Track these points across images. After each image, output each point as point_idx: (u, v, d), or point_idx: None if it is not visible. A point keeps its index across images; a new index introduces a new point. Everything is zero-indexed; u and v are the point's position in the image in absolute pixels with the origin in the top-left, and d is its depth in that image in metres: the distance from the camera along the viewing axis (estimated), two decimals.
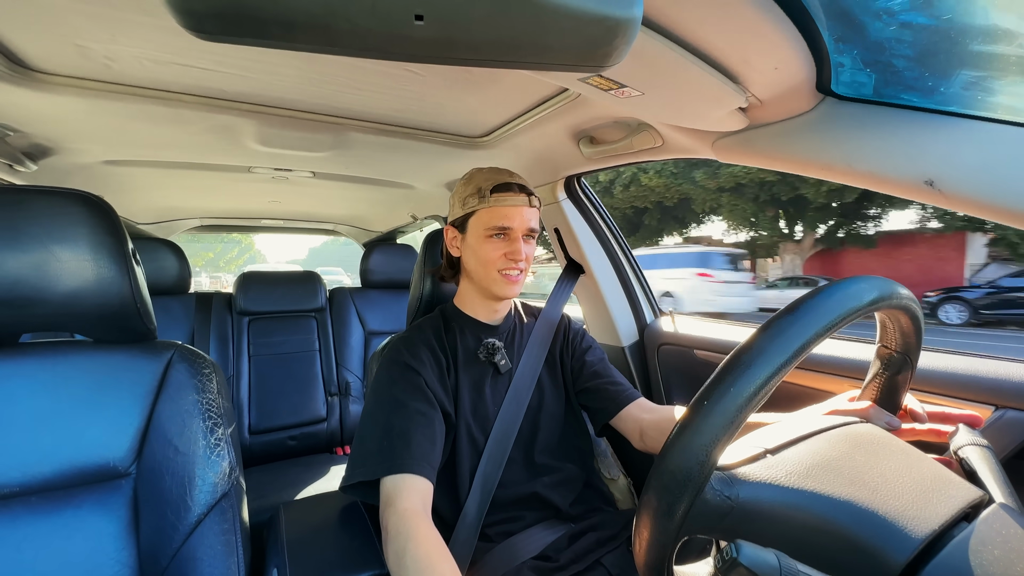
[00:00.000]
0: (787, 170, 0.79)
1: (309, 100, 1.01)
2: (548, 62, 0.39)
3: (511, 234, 0.86)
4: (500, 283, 0.87)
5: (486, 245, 0.86)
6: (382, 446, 0.76)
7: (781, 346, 0.35)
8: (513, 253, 0.85)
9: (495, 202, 0.85)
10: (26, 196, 0.65)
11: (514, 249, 0.85)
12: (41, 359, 0.70)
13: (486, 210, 0.85)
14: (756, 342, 0.35)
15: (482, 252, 0.86)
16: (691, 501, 0.36)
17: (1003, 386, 0.70)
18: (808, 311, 0.36)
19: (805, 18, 0.55)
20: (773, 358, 0.34)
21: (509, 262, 0.86)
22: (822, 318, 0.36)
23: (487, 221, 0.85)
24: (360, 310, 2.09)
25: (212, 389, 0.75)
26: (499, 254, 0.85)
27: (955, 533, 0.35)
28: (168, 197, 1.91)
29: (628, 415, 0.90)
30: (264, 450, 1.81)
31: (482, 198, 0.85)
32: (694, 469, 0.35)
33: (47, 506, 0.65)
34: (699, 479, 0.35)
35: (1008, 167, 0.56)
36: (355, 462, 0.79)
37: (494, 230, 0.85)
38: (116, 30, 0.73)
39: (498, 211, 0.85)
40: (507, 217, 0.85)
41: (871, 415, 0.56)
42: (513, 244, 0.86)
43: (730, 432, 0.34)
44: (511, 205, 0.85)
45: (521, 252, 0.85)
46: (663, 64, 0.62)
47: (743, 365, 0.34)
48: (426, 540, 0.64)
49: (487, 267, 0.86)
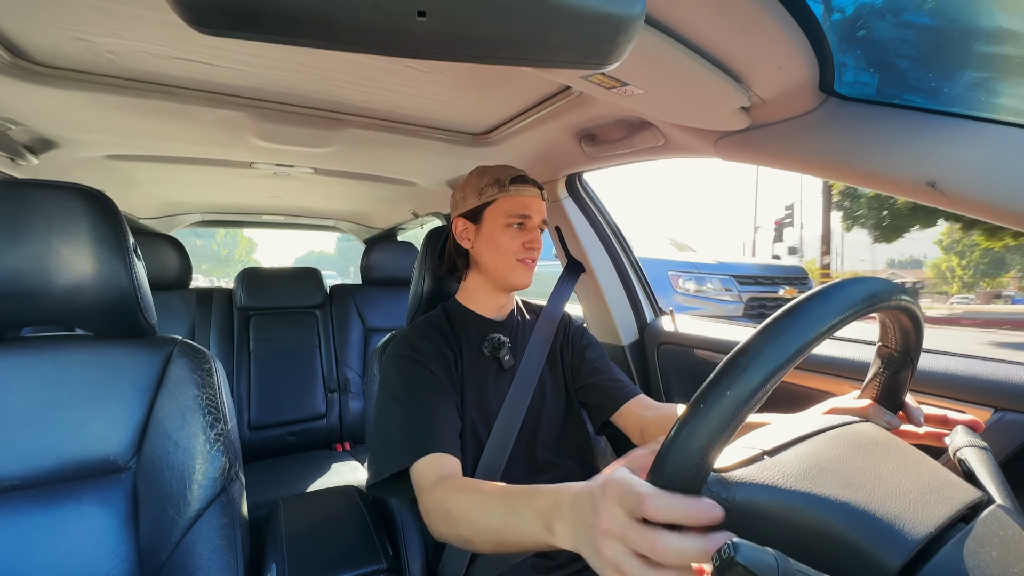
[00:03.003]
0: (789, 170, 0.79)
1: (311, 96, 1.01)
2: (551, 59, 0.39)
3: (528, 223, 0.89)
4: (518, 271, 0.90)
5: (505, 233, 0.88)
6: (404, 436, 0.76)
7: (780, 348, 0.35)
8: (531, 242, 0.89)
9: (516, 191, 0.88)
10: (27, 190, 0.65)
11: (532, 238, 0.89)
12: (42, 353, 0.70)
13: (506, 199, 0.88)
14: (754, 344, 0.35)
15: (502, 241, 0.88)
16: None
17: (1002, 388, 0.70)
18: (807, 312, 0.36)
19: (808, 18, 0.55)
20: (771, 360, 0.34)
21: (527, 251, 0.89)
22: (821, 320, 0.36)
23: (508, 209, 0.88)
24: (360, 307, 2.09)
25: (212, 384, 0.75)
26: (518, 243, 0.88)
27: (953, 534, 0.36)
28: (169, 192, 1.91)
29: (628, 412, 0.91)
30: (264, 446, 1.81)
31: (502, 187, 0.88)
32: (691, 471, 0.35)
33: (47, 499, 0.65)
34: (696, 481, 0.35)
35: (1011, 169, 0.56)
36: (380, 458, 0.78)
37: (515, 218, 0.88)
38: (118, 24, 0.73)
39: (519, 200, 0.88)
40: (527, 207, 0.89)
41: (871, 413, 0.56)
42: (531, 233, 0.89)
43: (727, 434, 0.34)
44: (530, 196, 0.89)
45: (539, 241, 0.90)
46: (666, 63, 0.62)
47: (740, 368, 0.34)
48: (461, 483, 0.65)
49: (506, 256, 0.89)
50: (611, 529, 0.37)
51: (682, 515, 0.34)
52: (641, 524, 0.36)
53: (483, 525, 0.57)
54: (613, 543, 0.37)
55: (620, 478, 0.38)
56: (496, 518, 0.55)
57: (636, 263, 1.44)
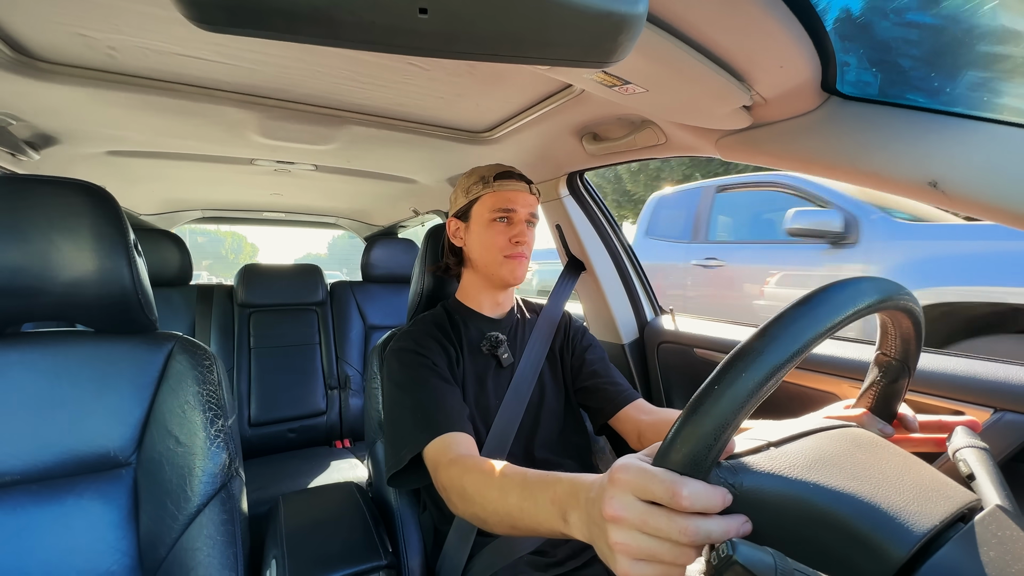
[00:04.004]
0: (791, 169, 0.79)
1: (312, 93, 1.01)
2: (552, 57, 0.39)
3: (514, 217, 0.90)
4: (506, 267, 0.90)
5: (491, 229, 0.89)
6: (417, 420, 0.76)
7: (796, 334, 0.35)
8: (517, 235, 0.89)
9: (499, 187, 0.89)
10: (29, 186, 0.65)
11: (518, 231, 0.89)
12: (43, 348, 0.70)
13: (490, 195, 0.89)
14: (772, 328, 0.36)
15: (487, 237, 0.89)
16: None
17: (1002, 389, 0.70)
18: (825, 300, 0.37)
19: (811, 16, 0.55)
20: (789, 344, 0.35)
21: (513, 245, 0.89)
22: (839, 309, 0.36)
23: (491, 205, 0.89)
24: (361, 304, 2.09)
25: (212, 381, 0.76)
26: (504, 238, 0.89)
27: (952, 534, 0.36)
28: (170, 188, 1.91)
29: (626, 416, 0.91)
30: (264, 442, 1.82)
31: (486, 184, 0.90)
32: (702, 454, 0.35)
33: (48, 494, 0.66)
34: (706, 465, 0.35)
35: (1013, 169, 0.56)
36: (396, 446, 0.78)
37: (498, 212, 0.89)
38: (120, 20, 0.73)
39: (502, 195, 0.89)
40: (511, 200, 0.89)
41: (864, 422, 0.56)
42: (517, 227, 0.89)
43: (741, 418, 0.34)
44: (514, 190, 0.90)
45: (525, 234, 0.89)
46: (668, 61, 0.62)
47: (756, 351, 0.34)
48: (479, 462, 0.65)
49: (492, 251, 0.89)
50: (620, 515, 0.37)
51: (710, 504, 0.35)
52: (662, 510, 0.35)
53: (498, 506, 0.57)
54: (621, 530, 0.37)
55: (632, 464, 0.38)
56: (512, 501, 0.55)
57: (636, 261, 1.44)
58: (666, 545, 0.35)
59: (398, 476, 0.79)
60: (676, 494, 0.34)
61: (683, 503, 0.34)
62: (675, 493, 0.34)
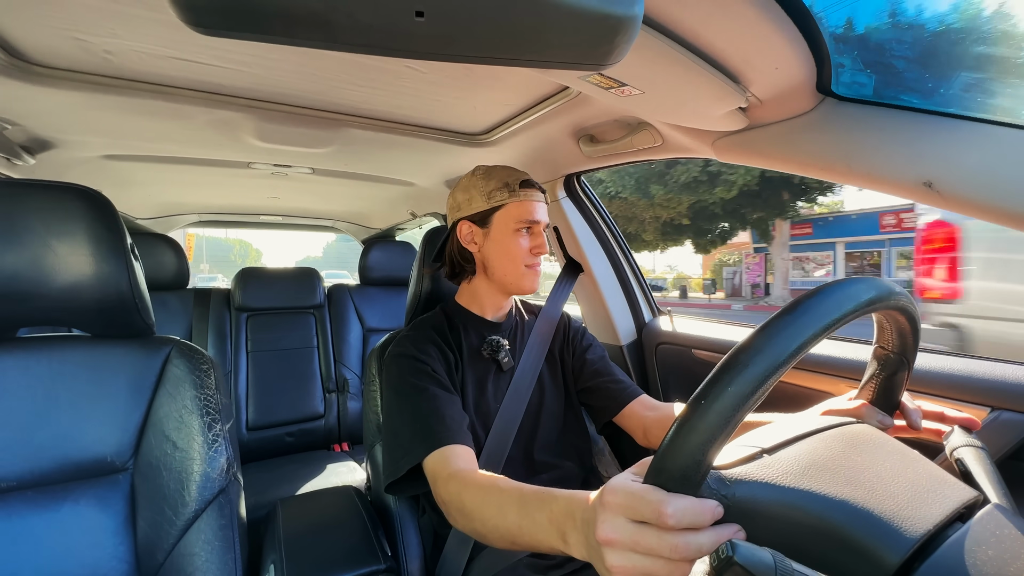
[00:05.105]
0: (787, 170, 0.80)
1: (309, 96, 1.01)
2: (549, 60, 0.39)
3: (535, 228, 0.90)
4: (527, 277, 0.90)
5: (515, 239, 0.88)
6: (416, 430, 0.75)
7: (781, 344, 0.35)
8: (539, 247, 0.89)
9: (525, 196, 0.88)
10: (24, 190, 0.65)
11: (539, 243, 0.89)
12: (39, 353, 0.70)
13: (516, 204, 0.88)
14: (756, 341, 0.35)
15: (512, 246, 0.88)
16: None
17: (999, 387, 0.71)
18: (808, 310, 0.37)
19: (806, 18, 0.55)
20: (773, 356, 0.35)
21: (535, 257, 0.89)
22: (822, 317, 0.36)
23: (518, 215, 0.88)
24: (359, 307, 2.08)
25: (210, 385, 0.75)
26: (526, 249, 0.89)
27: (950, 533, 0.36)
28: (167, 192, 1.91)
29: (631, 412, 0.91)
30: (262, 446, 1.81)
31: (512, 192, 0.88)
32: (691, 468, 0.35)
33: (44, 500, 0.65)
34: (697, 479, 0.35)
35: (1007, 169, 0.56)
36: (395, 455, 0.77)
37: (524, 223, 0.88)
38: (115, 23, 0.73)
39: (528, 205, 0.88)
40: (535, 212, 0.89)
41: (864, 414, 0.56)
42: (538, 238, 0.89)
43: (728, 431, 0.34)
44: (537, 200, 0.89)
45: (545, 245, 0.90)
46: (664, 63, 0.62)
47: (741, 364, 0.35)
48: (477, 477, 0.64)
49: (515, 262, 0.88)
50: (612, 538, 0.37)
51: (698, 520, 0.35)
52: (652, 528, 0.36)
53: (497, 523, 0.57)
54: (615, 552, 0.37)
55: (619, 487, 0.38)
56: (510, 519, 0.55)
57: (634, 263, 1.44)
58: (659, 562, 0.36)
59: (396, 484, 0.78)
60: (661, 514, 0.35)
61: (668, 522, 0.35)
62: (660, 513, 0.35)
